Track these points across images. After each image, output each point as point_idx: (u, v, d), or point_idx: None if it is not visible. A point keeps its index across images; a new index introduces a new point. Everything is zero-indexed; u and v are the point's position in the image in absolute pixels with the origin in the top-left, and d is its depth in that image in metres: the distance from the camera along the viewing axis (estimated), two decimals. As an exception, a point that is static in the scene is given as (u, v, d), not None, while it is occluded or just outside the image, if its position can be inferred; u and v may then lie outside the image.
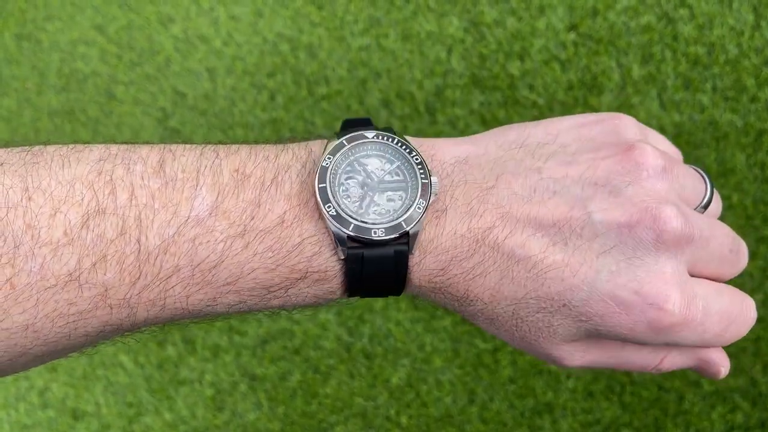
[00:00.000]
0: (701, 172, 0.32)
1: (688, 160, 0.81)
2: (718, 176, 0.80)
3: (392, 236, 0.28)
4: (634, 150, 0.28)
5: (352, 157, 0.29)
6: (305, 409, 0.89)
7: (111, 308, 0.27)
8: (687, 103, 0.82)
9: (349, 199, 0.28)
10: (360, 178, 0.29)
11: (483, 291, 0.29)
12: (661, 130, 0.82)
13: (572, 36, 0.85)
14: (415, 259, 0.29)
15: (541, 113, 0.85)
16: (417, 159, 0.29)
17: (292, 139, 0.31)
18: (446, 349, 0.87)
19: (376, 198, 0.29)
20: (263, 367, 0.91)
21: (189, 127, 0.95)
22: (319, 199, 0.27)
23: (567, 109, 0.85)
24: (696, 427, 0.80)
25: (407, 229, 0.28)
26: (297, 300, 0.29)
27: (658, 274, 0.27)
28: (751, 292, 0.78)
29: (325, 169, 0.28)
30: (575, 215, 0.28)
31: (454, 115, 0.88)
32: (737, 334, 0.30)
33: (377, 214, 0.28)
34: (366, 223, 0.28)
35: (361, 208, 0.28)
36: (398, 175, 0.29)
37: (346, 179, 0.29)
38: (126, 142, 0.29)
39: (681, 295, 0.27)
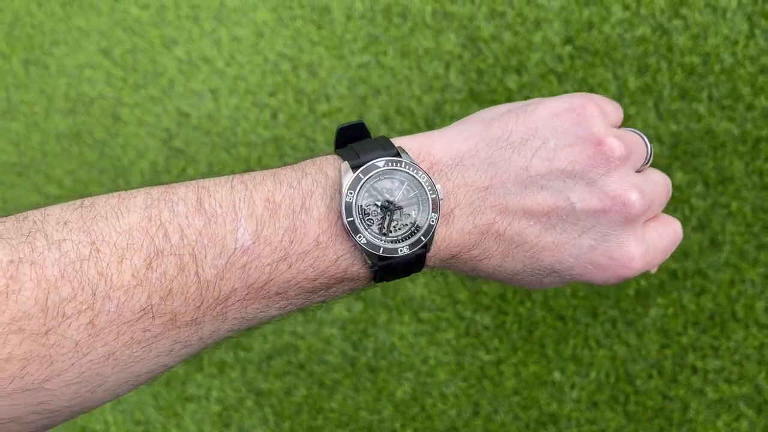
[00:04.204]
0: (640, 134, 0.39)
1: (686, 169, 0.81)
2: (717, 184, 0.81)
3: (414, 249, 0.34)
4: (603, 146, 0.35)
5: (368, 185, 0.34)
6: (311, 424, 0.90)
7: (179, 328, 0.31)
8: (683, 112, 0.82)
9: (372, 223, 0.34)
10: (378, 202, 0.34)
11: (487, 267, 0.37)
12: (659, 139, 0.82)
13: (568, 49, 0.86)
14: (430, 254, 0.35)
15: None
16: (424, 178, 0.34)
17: (304, 159, 0.36)
18: (450, 362, 0.87)
19: (395, 216, 0.34)
20: (269, 382, 0.91)
21: (193, 146, 0.97)
22: (350, 231, 0.33)
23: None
24: (702, 436, 0.80)
25: (426, 241, 0.34)
26: (335, 295, 0.35)
27: (625, 242, 0.36)
28: (753, 299, 0.78)
29: (350, 205, 0.33)
30: (561, 205, 0.35)
31: (453, 129, 0.89)
32: (669, 255, 0.40)
33: (397, 228, 0.34)
34: (391, 243, 0.34)
35: (384, 227, 0.34)
36: (410, 193, 0.34)
37: (367, 205, 0.34)
38: (161, 184, 0.33)
39: (640, 252, 0.36)
